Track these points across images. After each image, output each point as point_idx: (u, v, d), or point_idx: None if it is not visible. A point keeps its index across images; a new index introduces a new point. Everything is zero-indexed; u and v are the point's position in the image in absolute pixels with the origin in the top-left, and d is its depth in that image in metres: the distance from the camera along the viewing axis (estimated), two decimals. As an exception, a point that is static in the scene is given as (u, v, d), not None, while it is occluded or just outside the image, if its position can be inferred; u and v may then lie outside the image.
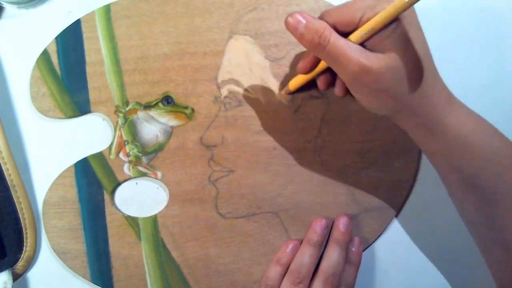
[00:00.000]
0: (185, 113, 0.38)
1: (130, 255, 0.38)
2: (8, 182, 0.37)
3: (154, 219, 0.38)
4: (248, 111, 0.38)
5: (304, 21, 0.30)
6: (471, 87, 0.40)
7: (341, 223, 0.37)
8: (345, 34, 0.29)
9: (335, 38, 0.29)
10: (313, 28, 0.29)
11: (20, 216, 0.37)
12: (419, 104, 0.30)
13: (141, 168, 0.38)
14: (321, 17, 0.30)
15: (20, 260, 0.37)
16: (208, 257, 0.38)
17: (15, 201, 0.37)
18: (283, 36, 0.38)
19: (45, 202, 0.38)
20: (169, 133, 0.38)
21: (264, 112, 0.38)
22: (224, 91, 0.38)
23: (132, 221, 0.38)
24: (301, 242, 0.38)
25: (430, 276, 0.40)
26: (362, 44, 0.29)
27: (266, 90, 0.38)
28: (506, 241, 0.31)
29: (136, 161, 0.38)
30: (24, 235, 0.37)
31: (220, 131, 0.38)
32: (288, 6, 0.38)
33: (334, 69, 0.30)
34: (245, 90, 0.38)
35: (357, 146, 0.39)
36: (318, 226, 0.37)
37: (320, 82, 0.35)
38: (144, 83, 0.38)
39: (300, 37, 0.30)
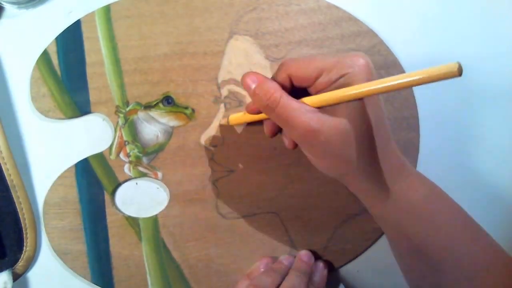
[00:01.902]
0: (185, 113, 0.38)
1: (130, 256, 0.38)
2: (8, 182, 0.37)
3: (154, 220, 0.38)
4: (248, 111, 0.38)
5: (253, 85, 0.30)
6: (471, 86, 0.40)
7: (304, 255, 0.38)
8: (301, 89, 0.30)
9: (285, 100, 0.29)
10: (262, 89, 0.30)
11: (20, 216, 0.37)
12: (369, 169, 0.30)
13: (141, 169, 0.38)
14: (279, 68, 0.30)
15: (20, 260, 0.37)
16: (208, 257, 0.39)
17: (15, 201, 0.37)
18: (283, 36, 0.38)
19: (45, 203, 0.38)
20: (170, 133, 0.38)
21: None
22: (224, 91, 0.38)
23: (133, 222, 0.38)
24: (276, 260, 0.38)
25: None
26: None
27: (266, 90, 0.38)
28: None
29: (137, 162, 0.38)
30: (24, 235, 0.37)
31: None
32: (288, 6, 0.38)
33: (284, 129, 0.30)
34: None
35: (357, 146, 0.39)
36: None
37: (267, 128, 0.34)
38: (144, 84, 0.38)
39: (253, 96, 0.31)
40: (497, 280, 0.29)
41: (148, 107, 0.38)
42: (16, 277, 0.37)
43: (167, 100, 0.38)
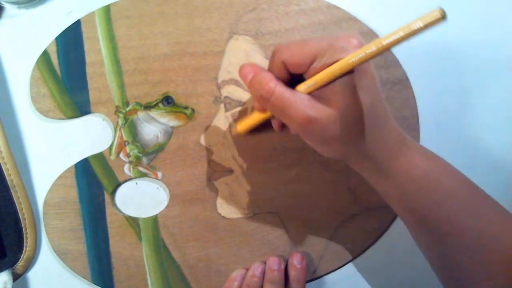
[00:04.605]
0: (185, 114, 0.38)
1: (130, 256, 0.38)
2: (8, 182, 0.37)
3: (154, 220, 0.38)
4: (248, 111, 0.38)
5: (250, 75, 0.30)
6: (471, 86, 0.40)
7: (273, 263, 0.37)
8: (296, 75, 0.30)
9: (280, 90, 0.29)
10: (258, 80, 0.30)
11: (20, 216, 0.37)
12: (369, 149, 0.30)
13: (141, 169, 0.38)
14: (273, 55, 0.30)
15: (20, 260, 0.37)
16: (208, 257, 0.39)
17: (15, 201, 0.37)
18: (283, 36, 0.38)
19: (45, 203, 0.38)
20: (170, 133, 0.38)
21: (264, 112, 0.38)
22: (224, 91, 0.38)
23: (133, 222, 0.38)
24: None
25: (430, 276, 0.40)
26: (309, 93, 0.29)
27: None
28: (457, 278, 0.31)
29: (137, 162, 0.38)
30: (24, 235, 0.37)
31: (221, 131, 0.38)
32: (288, 6, 0.38)
33: (281, 120, 0.30)
34: (245, 90, 0.38)
35: (357, 146, 0.39)
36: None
37: (274, 123, 0.35)
38: (144, 84, 0.38)
39: (249, 87, 0.31)
40: (505, 252, 0.29)
41: (148, 107, 0.38)
42: (16, 277, 0.37)
43: (167, 100, 0.38)
